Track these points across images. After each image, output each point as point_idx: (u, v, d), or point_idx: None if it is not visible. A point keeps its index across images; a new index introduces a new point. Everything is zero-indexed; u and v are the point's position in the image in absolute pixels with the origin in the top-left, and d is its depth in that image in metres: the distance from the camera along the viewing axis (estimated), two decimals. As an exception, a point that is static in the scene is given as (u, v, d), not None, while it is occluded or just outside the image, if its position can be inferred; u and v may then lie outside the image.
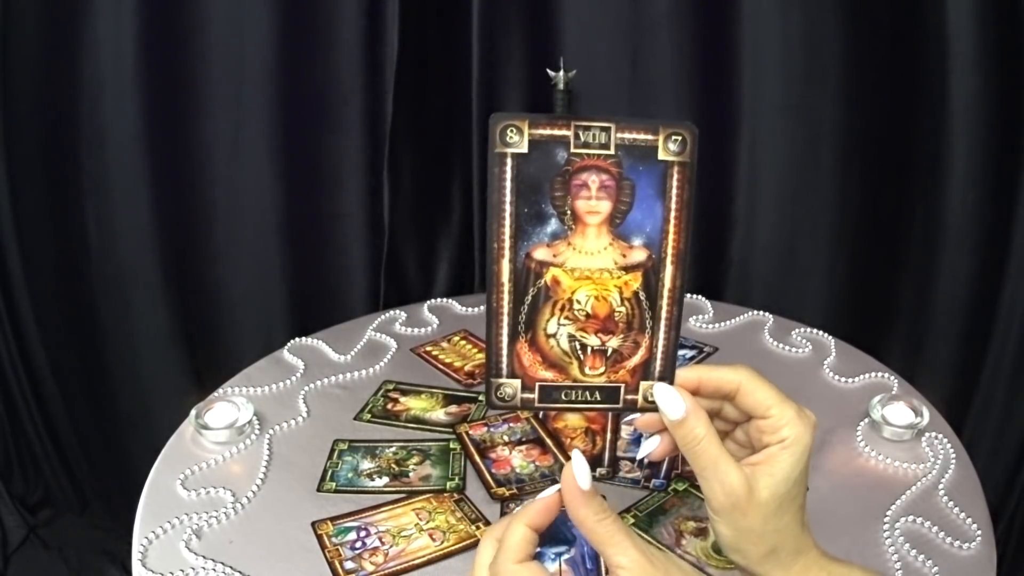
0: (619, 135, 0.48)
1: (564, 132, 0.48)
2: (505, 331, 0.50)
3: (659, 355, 0.51)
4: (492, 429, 0.89)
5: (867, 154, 1.31)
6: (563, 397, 0.52)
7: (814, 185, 1.33)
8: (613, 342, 0.51)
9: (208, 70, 1.31)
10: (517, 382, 0.51)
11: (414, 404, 0.94)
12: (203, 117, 1.34)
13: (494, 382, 0.51)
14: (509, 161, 0.48)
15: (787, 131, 1.30)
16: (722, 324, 1.11)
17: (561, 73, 0.98)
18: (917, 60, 1.23)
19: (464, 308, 1.16)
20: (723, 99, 1.28)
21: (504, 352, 0.51)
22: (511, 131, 0.47)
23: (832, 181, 1.33)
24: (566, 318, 0.50)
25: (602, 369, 0.51)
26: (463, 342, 1.08)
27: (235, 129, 1.35)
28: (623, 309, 0.50)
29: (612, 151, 0.48)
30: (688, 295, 1.16)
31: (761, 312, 1.12)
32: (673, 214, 0.49)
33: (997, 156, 1.24)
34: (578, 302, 0.50)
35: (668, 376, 0.52)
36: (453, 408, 0.94)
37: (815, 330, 1.07)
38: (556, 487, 0.49)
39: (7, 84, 1.33)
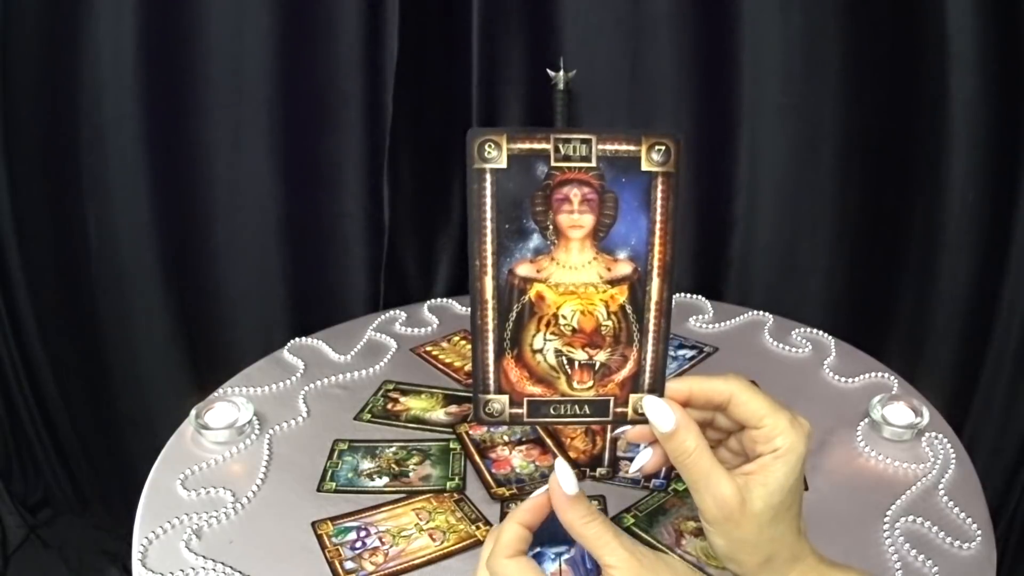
0: (600, 147, 0.47)
1: (544, 145, 0.47)
2: (491, 347, 0.50)
3: (648, 368, 0.51)
4: (492, 429, 0.89)
5: (867, 154, 1.31)
6: (552, 412, 0.51)
7: (814, 185, 1.33)
8: (601, 356, 0.50)
9: (208, 70, 1.31)
10: (505, 398, 0.51)
11: (414, 404, 0.94)
12: (203, 117, 1.34)
13: (482, 398, 0.51)
14: (488, 177, 0.47)
15: (787, 131, 1.30)
16: (722, 324, 1.11)
17: (561, 73, 0.98)
18: (917, 60, 1.23)
19: (464, 308, 1.16)
20: (723, 99, 1.28)
21: (491, 368, 0.50)
22: (489, 146, 0.47)
23: (832, 181, 1.33)
24: (552, 333, 0.50)
25: (590, 383, 0.51)
26: (463, 342, 1.08)
27: (235, 129, 1.35)
28: (610, 323, 0.50)
29: (594, 163, 0.47)
30: (688, 295, 1.16)
31: (761, 312, 1.12)
32: (658, 226, 0.48)
33: (997, 156, 1.24)
34: (564, 317, 0.49)
35: (658, 388, 0.51)
36: (453, 408, 0.94)
37: (815, 330, 1.07)
38: (545, 487, 0.49)
39: (7, 84, 1.33)
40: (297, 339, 1.06)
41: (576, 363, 0.50)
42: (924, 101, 1.25)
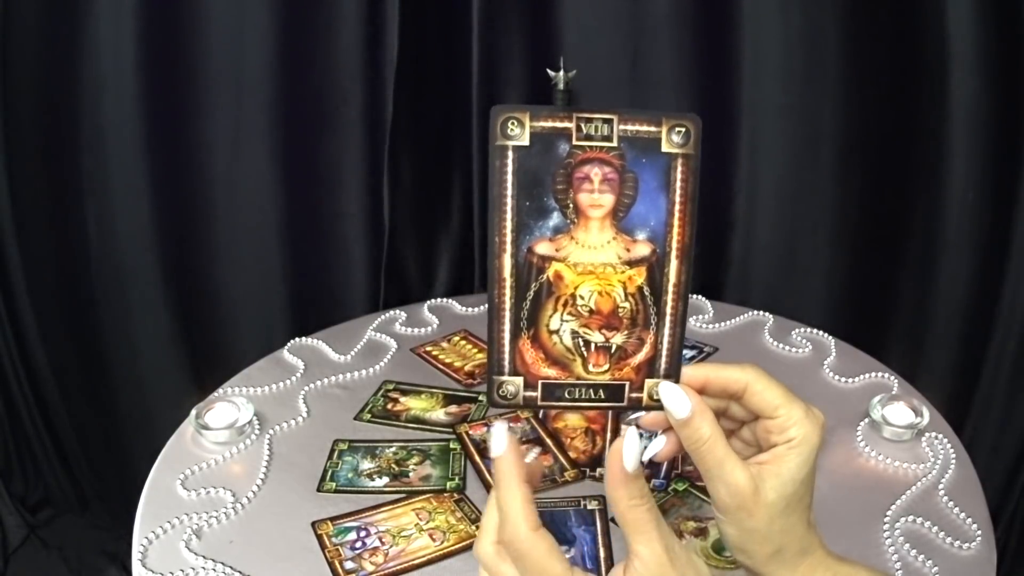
0: (622, 127, 0.47)
1: (566, 124, 0.47)
2: (507, 327, 0.49)
3: (664, 352, 0.50)
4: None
5: (867, 154, 1.31)
6: (566, 395, 0.50)
7: (814, 185, 1.33)
8: (617, 338, 0.49)
9: (208, 70, 1.31)
10: (519, 379, 0.50)
11: (414, 404, 0.94)
12: (203, 117, 1.34)
13: (496, 379, 0.50)
14: (510, 154, 0.47)
15: (787, 131, 1.30)
16: (722, 324, 1.11)
17: (561, 73, 0.98)
18: (917, 60, 1.23)
19: (464, 308, 1.16)
20: (723, 99, 1.28)
21: (506, 349, 0.49)
22: (512, 123, 0.46)
23: (832, 181, 1.33)
24: (569, 314, 0.49)
25: (606, 366, 0.50)
26: (463, 342, 1.08)
27: (235, 129, 1.35)
28: (627, 305, 0.49)
29: (615, 143, 0.47)
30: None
31: (761, 312, 1.12)
32: (677, 207, 0.48)
33: (997, 156, 1.24)
34: (581, 297, 0.49)
35: (674, 373, 0.51)
36: (453, 408, 0.94)
37: (815, 330, 1.07)
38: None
39: (7, 84, 1.33)
40: (297, 339, 1.06)
41: (592, 345, 0.50)
42: (924, 101, 1.25)
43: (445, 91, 1.34)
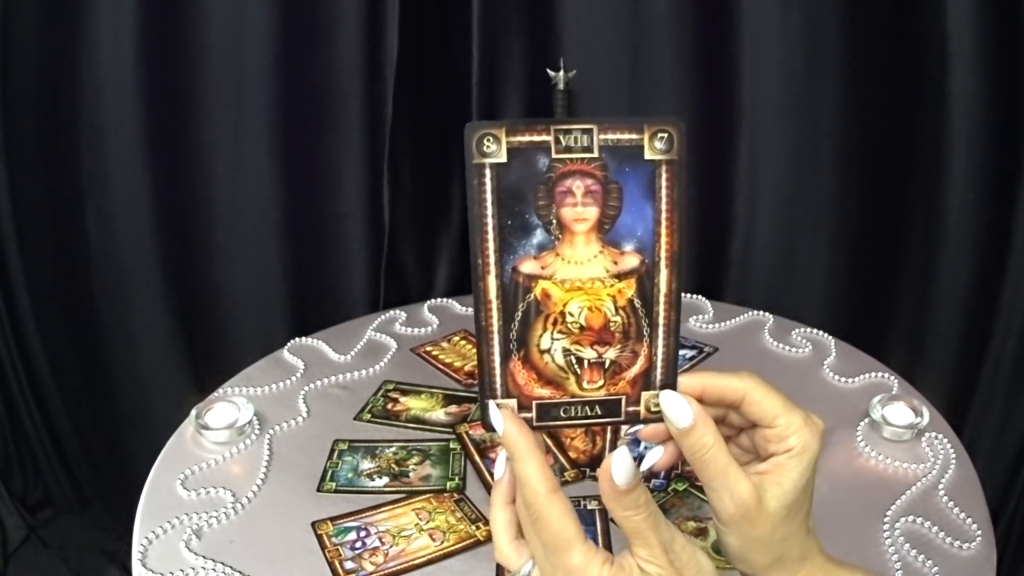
0: (602, 136, 0.46)
1: (544, 137, 0.45)
2: (497, 350, 0.48)
3: (659, 363, 0.49)
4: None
5: (867, 154, 1.31)
6: (562, 414, 0.49)
7: (814, 185, 1.33)
8: (610, 353, 0.48)
9: (208, 70, 1.31)
10: (513, 402, 0.49)
11: (414, 404, 0.94)
12: (203, 117, 1.34)
13: (489, 404, 0.49)
14: (488, 172, 0.45)
15: (787, 131, 1.30)
16: (722, 324, 1.11)
17: (561, 73, 0.98)
18: (917, 60, 1.23)
19: (464, 308, 1.16)
20: (723, 99, 1.28)
21: (497, 372, 0.48)
22: (488, 140, 0.45)
23: (832, 181, 1.33)
24: (559, 332, 0.48)
25: (601, 382, 0.49)
26: (463, 342, 1.08)
27: (235, 129, 1.35)
28: (618, 318, 0.48)
29: (596, 154, 0.46)
30: (688, 295, 1.16)
31: (761, 312, 1.12)
32: (664, 215, 0.47)
33: (997, 156, 1.24)
34: (571, 314, 0.48)
35: (670, 384, 0.50)
36: (453, 408, 0.94)
37: (815, 330, 1.07)
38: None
39: (7, 84, 1.33)
40: (297, 339, 1.06)
41: (585, 362, 0.49)
42: (924, 101, 1.25)
43: (445, 91, 1.34)
